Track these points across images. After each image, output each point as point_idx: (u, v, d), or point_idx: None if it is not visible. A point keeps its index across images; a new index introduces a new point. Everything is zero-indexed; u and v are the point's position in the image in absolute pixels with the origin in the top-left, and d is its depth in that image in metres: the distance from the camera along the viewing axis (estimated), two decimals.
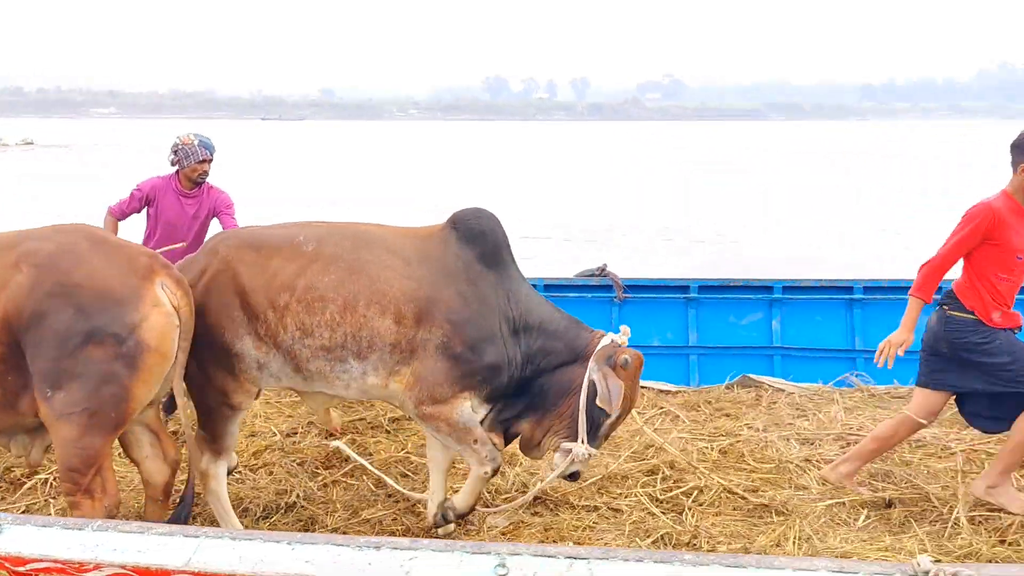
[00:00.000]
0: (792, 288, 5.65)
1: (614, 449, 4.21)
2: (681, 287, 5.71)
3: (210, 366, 3.28)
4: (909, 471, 3.92)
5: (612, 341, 3.35)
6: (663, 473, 3.95)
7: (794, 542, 3.33)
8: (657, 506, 3.67)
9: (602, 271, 5.72)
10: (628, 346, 3.37)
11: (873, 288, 5.66)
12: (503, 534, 3.49)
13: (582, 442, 3.28)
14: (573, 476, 3.41)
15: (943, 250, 3.57)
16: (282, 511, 3.73)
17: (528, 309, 3.39)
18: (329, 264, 3.25)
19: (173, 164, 4.93)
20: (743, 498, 3.74)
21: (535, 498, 3.73)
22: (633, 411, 4.77)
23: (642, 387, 4.95)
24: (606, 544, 3.35)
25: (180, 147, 4.87)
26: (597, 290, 5.73)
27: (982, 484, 3.61)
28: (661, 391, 5.08)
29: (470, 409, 3.33)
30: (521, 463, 4.07)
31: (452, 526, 3.53)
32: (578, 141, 64.99)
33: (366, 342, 3.23)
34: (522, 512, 3.67)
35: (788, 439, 4.29)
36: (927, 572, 2.22)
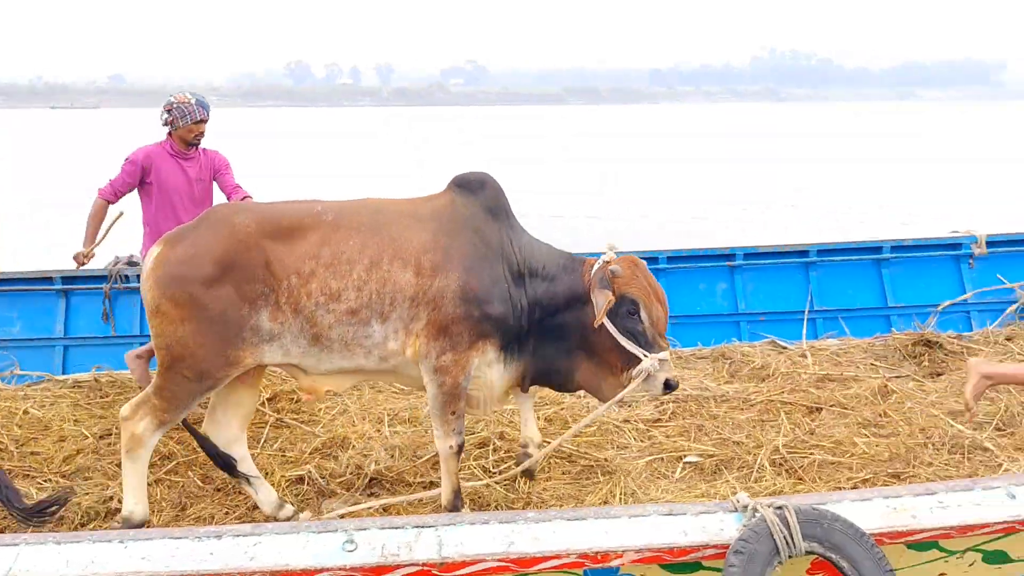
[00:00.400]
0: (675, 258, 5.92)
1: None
2: None
3: (209, 337, 3.19)
4: (716, 424, 4.24)
5: (601, 263, 3.46)
6: (493, 444, 4.05)
7: (620, 498, 3.53)
8: (490, 476, 3.77)
9: None
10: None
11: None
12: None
13: (644, 356, 3.35)
14: (670, 386, 3.42)
15: None
16: (102, 517, 3.50)
17: (531, 255, 3.55)
18: (352, 229, 3.36)
19: (166, 125, 4.65)
20: (571, 461, 3.91)
21: (371, 479, 3.75)
22: None
23: None
24: None
25: (175, 106, 4.62)
26: None
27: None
28: None
29: (484, 379, 3.48)
30: (353, 445, 4.06)
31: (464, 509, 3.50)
32: (385, 126, 64.26)
33: (388, 299, 3.31)
34: (358, 496, 3.66)
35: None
36: (746, 506, 2.46)
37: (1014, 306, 5.54)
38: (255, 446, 4.11)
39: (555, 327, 3.54)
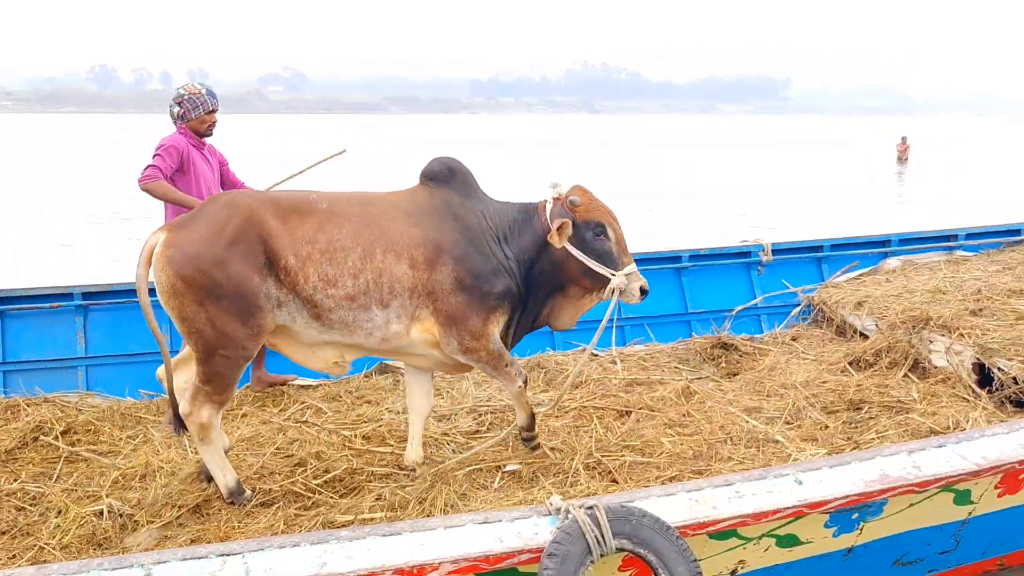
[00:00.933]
0: None
1: (257, 447, 4.10)
2: None
3: (231, 313, 3.32)
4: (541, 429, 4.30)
5: (553, 201, 3.77)
6: (311, 464, 3.91)
7: (441, 509, 3.50)
8: (310, 496, 3.64)
9: None
10: None
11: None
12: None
13: (612, 275, 3.69)
14: (644, 291, 3.77)
15: None
16: None
17: (501, 220, 3.77)
18: (345, 218, 3.51)
19: (179, 117, 4.65)
20: (395, 473, 3.85)
21: (180, 509, 3.53)
22: (274, 408, 4.75)
23: (283, 384, 5.06)
24: None
25: (187, 97, 4.64)
26: None
27: None
28: (301, 386, 5.02)
29: (498, 335, 3.72)
30: (159, 475, 3.80)
31: (537, 443, 4.04)
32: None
33: (387, 288, 3.49)
34: (165, 529, 3.42)
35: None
36: (559, 508, 2.50)
37: (797, 308, 6.03)
38: (46, 482, 3.76)
39: (536, 275, 3.79)
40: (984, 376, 4.64)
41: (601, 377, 5.07)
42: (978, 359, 4.67)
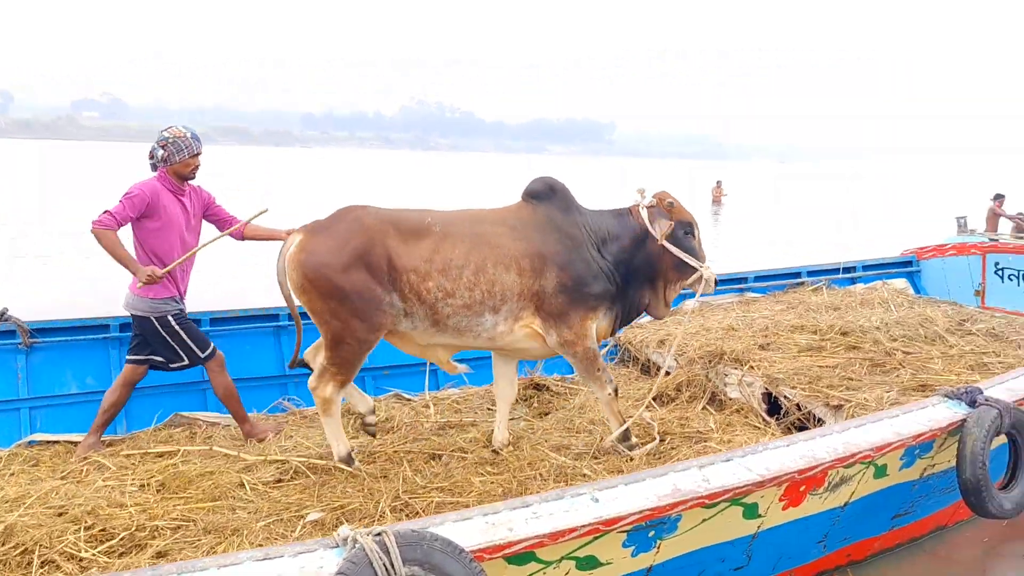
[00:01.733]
0: (218, 320, 5.51)
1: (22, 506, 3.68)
2: (101, 326, 5.20)
3: (356, 312, 3.89)
4: (340, 478, 4.12)
5: (649, 206, 4.35)
6: (86, 523, 3.54)
7: None
8: (103, 553, 3.29)
9: (2, 316, 4.95)
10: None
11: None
12: None
13: (700, 266, 4.34)
14: (718, 283, 4.57)
15: None
16: None
17: (598, 227, 4.29)
18: (457, 239, 4.02)
19: (162, 160, 4.56)
20: (185, 527, 3.55)
21: None
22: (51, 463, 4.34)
23: (55, 440, 4.72)
24: None
25: (172, 140, 4.56)
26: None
27: None
28: (70, 443, 4.61)
29: (595, 336, 4.25)
30: None
31: (635, 447, 4.38)
32: (6, 160, 55.62)
33: (499, 296, 4.03)
34: None
35: (227, 469, 4.20)
36: (346, 538, 2.37)
37: (605, 348, 6.19)
38: None
39: (632, 271, 4.32)
40: (772, 405, 4.92)
41: (413, 421, 4.97)
42: (767, 389, 4.95)
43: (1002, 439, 3.73)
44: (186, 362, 4.71)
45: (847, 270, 7.34)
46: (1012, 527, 4.59)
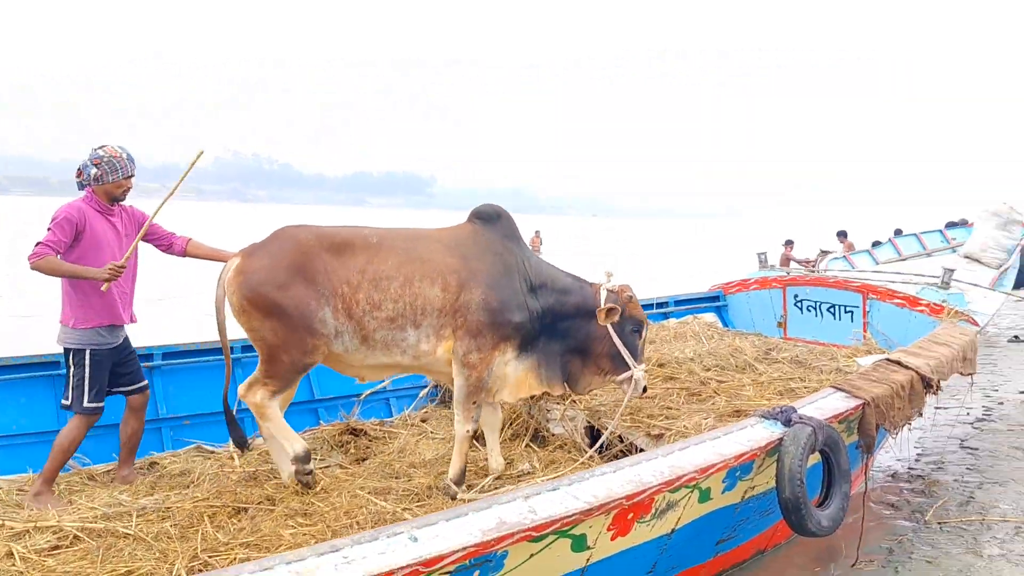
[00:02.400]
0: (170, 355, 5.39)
1: None
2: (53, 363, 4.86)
3: (290, 329, 3.92)
4: (128, 542, 3.64)
5: (610, 289, 4.38)
6: None
7: None
8: None
9: None
10: None
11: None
12: None
13: (635, 366, 4.35)
14: (646, 389, 4.46)
15: None
16: None
17: (539, 272, 4.31)
18: (391, 251, 4.07)
19: (94, 179, 4.38)
20: None
21: None
22: None
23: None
24: None
25: (106, 160, 4.40)
26: None
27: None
28: None
29: (499, 372, 4.21)
30: None
31: (460, 492, 4.16)
32: None
33: (420, 310, 4.03)
34: None
35: None
36: None
37: (425, 391, 5.96)
38: None
39: (562, 330, 4.32)
40: (595, 438, 4.86)
41: (217, 474, 4.51)
42: (589, 422, 4.88)
43: (816, 458, 3.82)
44: (67, 402, 4.38)
45: (660, 305, 7.53)
46: (821, 543, 4.73)
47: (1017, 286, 8.89)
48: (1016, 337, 11.30)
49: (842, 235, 16.96)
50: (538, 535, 2.75)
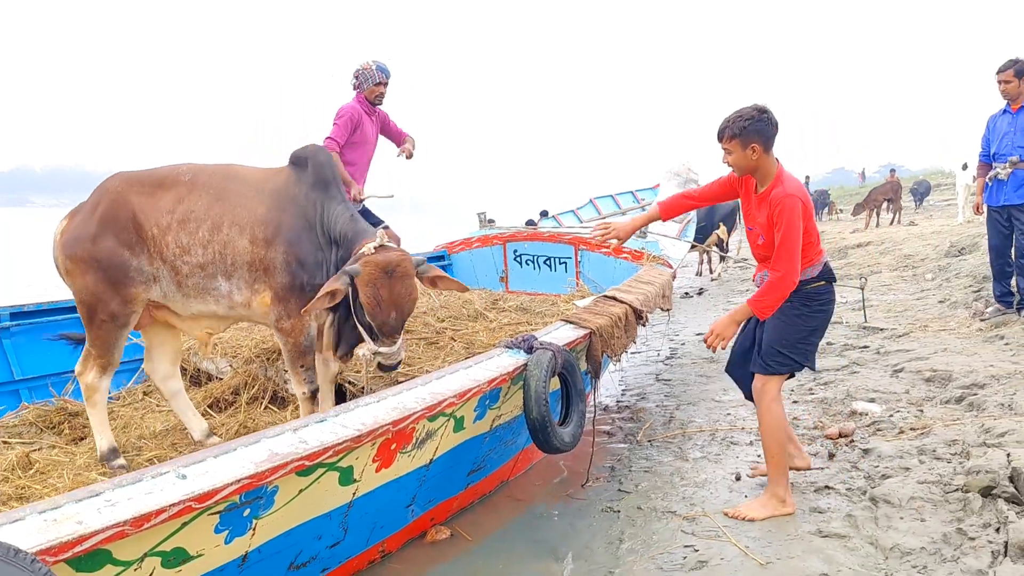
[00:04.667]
0: None
1: None
2: None
3: (106, 283, 3.74)
4: None
5: (368, 248, 3.62)
6: None
7: None
8: None
9: None
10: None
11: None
12: None
13: (367, 343, 3.72)
14: (384, 367, 3.76)
15: None
16: None
17: (336, 221, 3.82)
18: (202, 191, 3.81)
19: (355, 88, 5.78)
20: None
21: None
22: None
23: None
24: None
25: (360, 72, 5.73)
26: None
27: None
28: None
29: (313, 332, 3.93)
30: None
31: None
32: None
33: (230, 262, 3.77)
34: None
35: None
36: None
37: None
38: None
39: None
40: (339, 394, 4.82)
41: None
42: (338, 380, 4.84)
43: (555, 384, 4.11)
44: None
45: None
46: (552, 470, 5.11)
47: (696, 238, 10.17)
48: (687, 293, 12.95)
49: (543, 214, 17.85)
50: (310, 464, 2.71)
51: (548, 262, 7.42)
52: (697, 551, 3.51)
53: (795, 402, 5.78)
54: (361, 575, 3.60)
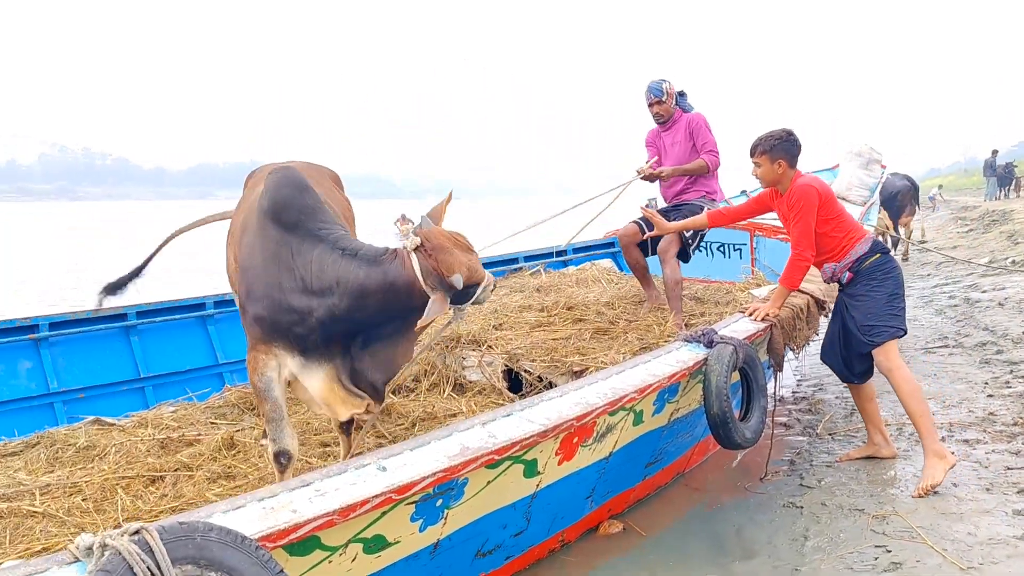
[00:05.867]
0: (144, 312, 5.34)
1: None
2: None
3: None
4: (39, 518, 3.40)
5: (416, 247, 3.10)
6: None
7: None
8: None
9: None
10: None
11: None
12: None
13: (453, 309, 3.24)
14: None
15: None
16: None
17: (321, 270, 3.13)
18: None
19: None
20: None
21: None
22: None
23: None
24: None
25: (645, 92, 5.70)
26: None
27: None
28: None
29: (270, 374, 3.20)
30: None
31: None
32: None
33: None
34: None
35: None
36: (91, 546, 1.86)
37: None
38: None
39: (374, 334, 3.25)
40: (514, 381, 4.89)
41: (124, 445, 4.25)
42: (507, 366, 4.91)
43: (735, 377, 4.00)
44: None
45: (559, 254, 7.62)
46: (730, 462, 4.98)
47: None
48: None
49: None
50: (499, 458, 2.76)
51: (722, 248, 7.20)
52: (890, 552, 3.32)
53: (990, 396, 5.36)
54: (541, 564, 3.65)
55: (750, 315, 4.45)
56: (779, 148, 4.28)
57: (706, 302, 5.78)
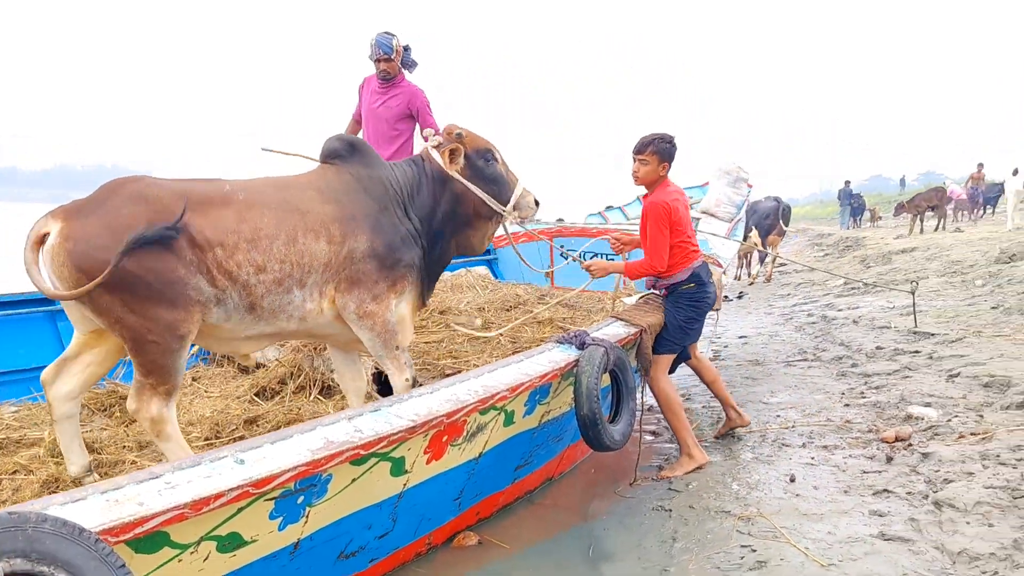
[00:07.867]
0: None
1: None
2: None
3: (152, 302, 3.08)
4: None
5: (443, 138, 4.01)
6: None
7: None
8: None
9: None
10: None
11: None
12: None
13: (503, 210, 4.04)
14: (538, 203, 4.20)
15: None
16: None
17: (402, 183, 3.84)
18: (264, 207, 3.42)
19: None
20: None
21: None
22: None
23: None
24: None
25: (371, 43, 5.48)
26: None
27: None
28: None
29: (398, 314, 3.76)
30: None
31: None
32: None
33: (307, 268, 3.47)
34: None
35: None
36: None
37: (196, 348, 5.56)
38: None
39: (440, 226, 3.96)
40: (384, 384, 4.80)
41: None
42: (376, 369, 4.82)
43: (606, 380, 4.05)
44: None
45: None
46: (598, 469, 5.04)
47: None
48: (727, 297, 12.78)
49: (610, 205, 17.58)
50: (365, 454, 2.68)
51: (594, 258, 7.33)
52: (755, 551, 3.43)
53: (847, 405, 5.66)
54: (406, 568, 3.57)
55: (584, 268, 4.73)
56: (667, 152, 4.49)
57: (578, 309, 5.87)
